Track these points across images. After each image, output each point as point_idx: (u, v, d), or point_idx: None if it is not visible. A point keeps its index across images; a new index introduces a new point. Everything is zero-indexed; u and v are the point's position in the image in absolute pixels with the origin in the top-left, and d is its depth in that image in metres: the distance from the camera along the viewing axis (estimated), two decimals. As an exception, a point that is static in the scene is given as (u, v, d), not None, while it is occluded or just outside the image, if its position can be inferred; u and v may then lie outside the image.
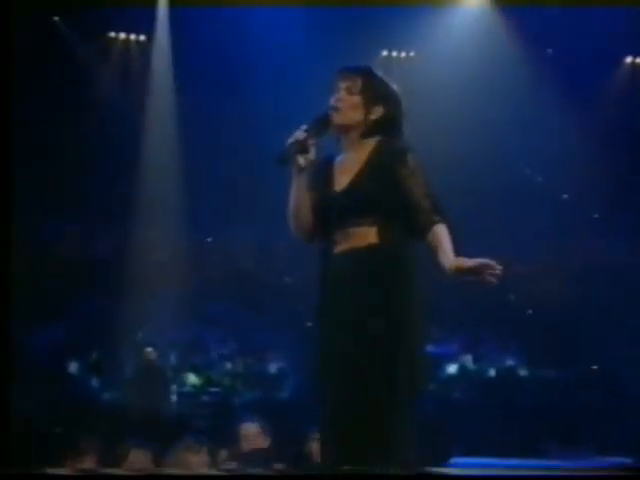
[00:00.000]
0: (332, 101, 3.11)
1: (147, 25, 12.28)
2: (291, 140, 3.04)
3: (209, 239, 13.44)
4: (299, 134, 3.05)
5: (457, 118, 11.66)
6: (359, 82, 3.10)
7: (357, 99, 3.10)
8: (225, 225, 12.95)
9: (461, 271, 2.90)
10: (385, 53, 12.55)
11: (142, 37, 12.56)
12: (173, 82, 12.27)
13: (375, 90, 3.11)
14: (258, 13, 11.31)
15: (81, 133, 12.01)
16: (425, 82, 11.36)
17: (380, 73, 3.15)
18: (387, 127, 3.10)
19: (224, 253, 13.45)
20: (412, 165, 3.01)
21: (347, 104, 3.10)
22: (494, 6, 11.76)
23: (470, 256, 2.97)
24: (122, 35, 12.46)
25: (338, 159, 3.18)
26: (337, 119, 3.08)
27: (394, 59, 12.58)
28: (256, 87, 11.77)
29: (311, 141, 3.05)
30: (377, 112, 3.10)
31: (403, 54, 12.62)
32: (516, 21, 11.77)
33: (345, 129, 3.11)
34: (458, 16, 11.83)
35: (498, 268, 2.88)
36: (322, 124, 3.09)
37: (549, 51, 12.30)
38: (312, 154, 3.07)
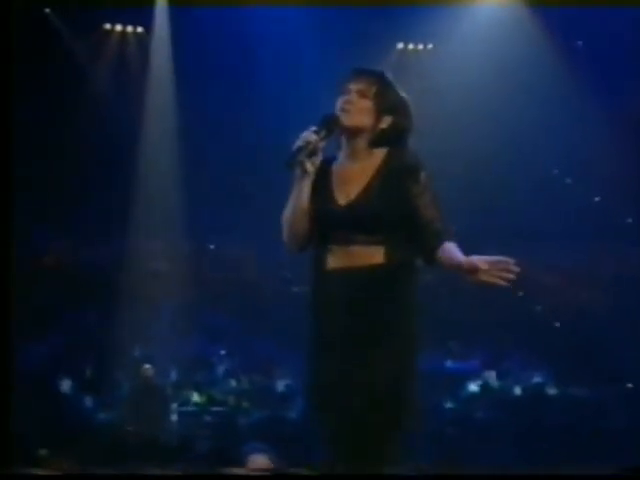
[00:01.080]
0: (341, 102, 3.09)
1: (145, 17, 12.43)
2: (301, 143, 3.01)
3: (211, 246, 13.47)
4: (309, 136, 3.02)
5: (479, 114, 11.80)
6: (373, 87, 3.09)
7: (369, 104, 3.09)
8: (228, 231, 12.97)
9: (474, 270, 2.81)
10: (401, 46, 12.78)
11: (140, 29, 12.73)
12: (173, 79, 12.44)
13: (388, 98, 3.10)
14: (263, 11, 11.60)
15: (75, 134, 12.09)
16: (445, 76, 11.61)
17: (392, 79, 3.13)
18: (395, 138, 3.10)
19: (227, 261, 13.47)
20: (423, 182, 3.00)
21: (358, 107, 3.08)
22: (520, 3, 12.03)
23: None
24: (119, 27, 12.63)
25: (339, 166, 3.15)
26: (346, 120, 3.06)
27: (410, 52, 12.80)
28: (262, 86, 11.98)
29: (321, 144, 3.03)
30: (387, 121, 3.09)
31: (421, 47, 12.83)
32: (543, 18, 11.98)
33: (353, 132, 3.09)
34: (481, 11, 12.06)
35: (513, 265, 2.79)
36: (331, 125, 3.06)
37: (578, 48, 12.47)
38: (319, 157, 3.06)
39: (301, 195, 3.08)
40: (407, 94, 3.15)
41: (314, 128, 3.03)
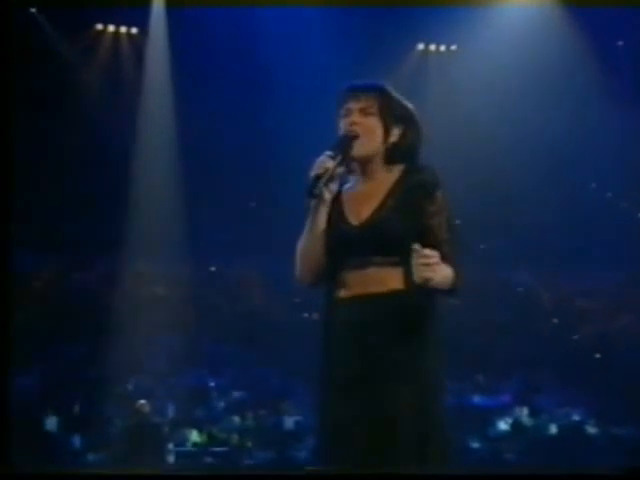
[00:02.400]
0: (346, 125, 3.16)
1: (139, 17, 12.46)
2: (319, 170, 3.07)
3: (212, 268, 13.45)
4: (326, 162, 3.08)
5: (505, 121, 11.88)
6: (375, 102, 3.17)
7: (374, 121, 3.17)
8: (232, 251, 12.94)
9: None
10: (421, 47, 12.95)
11: (134, 30, 12.75)
12: (170, 85, 12.44)
13: (392, 110, 3.19)
14: (270, 10, 11.69)
15: (64, 146, 12.10)
16: (468, 80, 11.69)
17: (391, 90, 3.21)
18: (406, 150, 3.19)
19: (231, 284, 13.49)
20: (439, 202, 3.09)
21: (364, 128, 3.16)
22: (548, 4, 12.08)
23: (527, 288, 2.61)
24: (112, 28, 12.66)
25: (350, 187, 3.22)
26: (357, 150, 3.13)
27: (432, 53, 12.96)
28: (270, 92, 12.08)
29: (338, 169, 3.10)
30: (396, 134, 3.18)
31: (442, 48, 13.00)
32: (577, 19, 12.03)
33: (365, 160, 3.17)
34: (506, 12, 12.14)
35: (427, 255, 2.87)
36: (346, 148, 3.13)
37: (618, 49, 12.58)
38: (336, 184, 3.14)
39: (317, 224, 3.14)
40: (428, 97, 3.24)
41: (329, 153, 3.08)
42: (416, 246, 2.89)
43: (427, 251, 2.88)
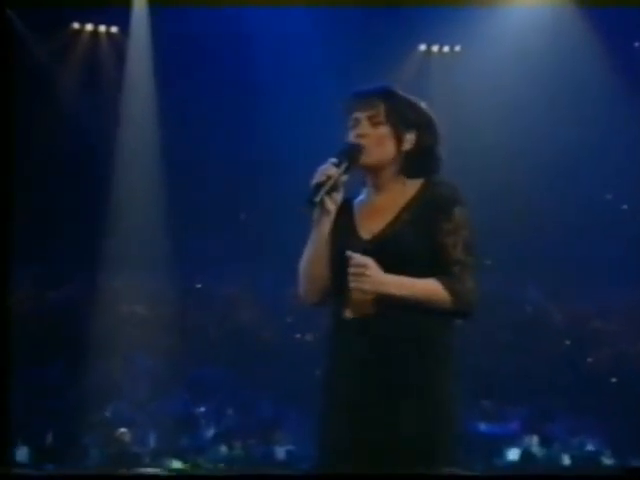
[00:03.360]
0: (353, 136, 3.18)
1: (118, 16, 12.50)
2: (321, 178, 3.09)
3: (198, 285, 13.40)
4: (329, 169, 3.10)
5: (515, 129, 11.90)
6: (382, 108, 3.17)
7: (384, 129, 3.17)
8: (219, 268, 12.92)
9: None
10: (423, 48, 13.07)
11: (114, 29, 12.76)
12: (152, 87, 12.48)
13: (403, 114, 3.18)
14: (264, 10, 11.83)
15: (39, 153, 12.04)
16: (473, 83, 11.80)
17: (400, 92, 3.21)
18: (423, 156, 3.20)
19: (218, 304, 13.36)
20: (457, 220, 3.11)
21: (373, 138, 3.16)
22: (559, 5, 12.20)
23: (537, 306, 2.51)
24: (89, 27, 12.67)
25: (362, 199, 3.26)
26: (365, 159, 3.15)
27: (434, 54, 13.08)
28: (261, 95, 12.18)
29: (342, 178, 3.12)
30: (410, 140, 3.18)
31: (446, 49, 13.11)
32: (590, 19, 12.09)
33: (376, 169, 3.19)
34: (511, 13, 12.24)
35: (357, 264, 2.98)
36: (352, 157, 3.14)
37: (636, 51, 12.75)
38: (340, 194, 3.15)
39: (321, 238, 3.15)
40: (429, 101, 3.19)
41: (334, 160, 3.10)
42: (349, 253, 2.97)
43: (358, 259, 2.96)
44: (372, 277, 2.96)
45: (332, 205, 3.12)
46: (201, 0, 11.49)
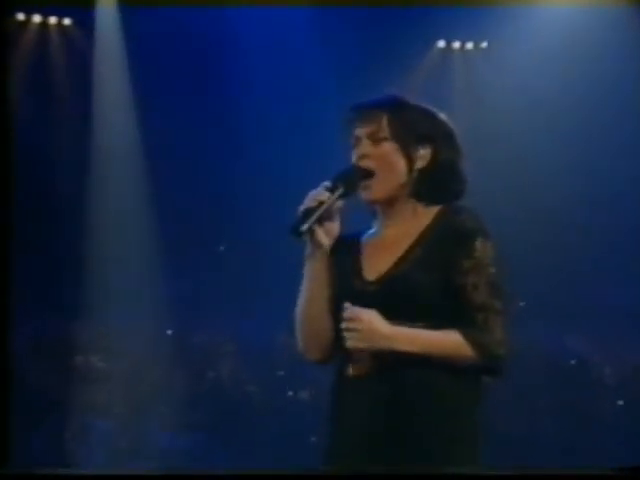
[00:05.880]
0: (355, 159, 3.21)
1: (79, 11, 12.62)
2: (311, 203, 3.13)
3: (169, 331, 13.09)
4: (322, 194, 3.15)
5: (546, 139, 12.07)
6: (384, 121, 3.16)
7: (389, 146, 3.16)
8: (194, 311, 12.74)
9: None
10: (442, 44, 13.19)
11: (67, 21, 12.73)
12: (123, 97, 12.58)
13: (412, 125, 3.18)
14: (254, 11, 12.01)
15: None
16: (499, 84, 12.14)
17: (408, 98, 3.21)
18: (442, 175, 3.18)
19: (193, 354, 13.01)
20: (479, 254, 3.09)
21: (378, 160, 3.16)
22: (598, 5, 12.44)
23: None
24: (37, 19, 12.60)
25: (372, 233, 3.29)
26: (374, 192, 3.17)
27: (456, 52, 13.25)
28: (253, 105, 12.27)
29: (337, 204, 3.15)
30: (424, 157, 3.17)
31: (469, 46, 13.26)
32: (621, 21, 12.16)
33: (388, 199, 3.20)
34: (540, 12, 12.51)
35: (350, 317, 3.04)
36: (351, 182, 3.17)
37: None
38: (337, 225, 3.19)
39: (314, 278, 3.15)
40: (449, 104, 2.69)
41: (327, 184, 3.13)
42: (346, 305, 2.99)
43: (349, 312, 2.97)
44: (366, 332, 2.94)
45: (325, 238, 3.12)
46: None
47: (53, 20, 12.57)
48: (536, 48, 12.27)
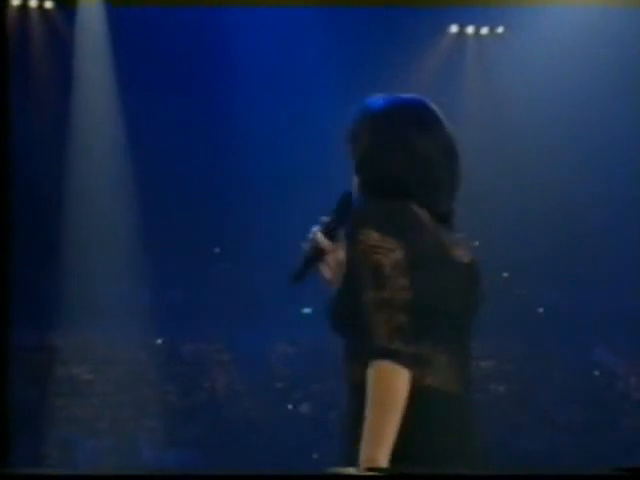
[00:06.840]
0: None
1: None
2: (311, 252, 3.18)
3: (158, 340, 13.11)
4: (318, 237, 3.18)
5: (561, 131, 12.31)
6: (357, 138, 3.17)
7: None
8: (185, 319, 12.69)
9: None
10: (455, 29, 13.44)
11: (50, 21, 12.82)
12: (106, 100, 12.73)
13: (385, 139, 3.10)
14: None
15: None
16: (517, 67, 12.32)
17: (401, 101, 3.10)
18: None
19: (183, 365, 13.03)
20: (367, 253, 3.04)
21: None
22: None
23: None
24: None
25: None
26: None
27: (470, 37, 13.47)
28: (252, 106, 12.40)
29: (337, 238, 3.18)
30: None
31: (485, 30, 13.47)
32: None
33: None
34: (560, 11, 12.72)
35: None
36: (343, 211, 3.21)
37: None
38: (338, 253, 3.18)
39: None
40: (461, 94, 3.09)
41: (327, 220, 3.20)
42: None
43: None
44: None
45: (328, 272, 3.17)
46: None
47: (35, 20, 12.67)
48: (551, 45, 12.41)
